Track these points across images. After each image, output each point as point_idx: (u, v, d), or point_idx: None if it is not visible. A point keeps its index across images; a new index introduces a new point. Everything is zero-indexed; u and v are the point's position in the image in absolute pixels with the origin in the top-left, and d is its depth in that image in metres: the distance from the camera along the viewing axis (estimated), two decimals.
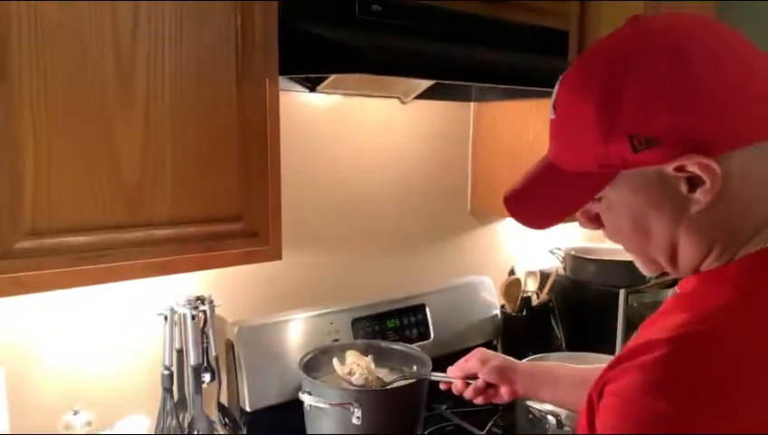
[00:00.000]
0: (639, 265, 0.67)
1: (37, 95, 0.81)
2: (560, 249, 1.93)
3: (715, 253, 0.60)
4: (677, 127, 0.54)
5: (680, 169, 0.55)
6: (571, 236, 2.00)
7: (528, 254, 1.96)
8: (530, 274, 1.91)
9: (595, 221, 0.66)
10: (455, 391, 1.07)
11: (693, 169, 0.54)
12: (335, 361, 1.31)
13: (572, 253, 1.88)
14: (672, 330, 0.54)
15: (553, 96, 0.63)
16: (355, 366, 1.29)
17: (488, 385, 1.03)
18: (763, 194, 0.58)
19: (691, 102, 0.53)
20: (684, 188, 0.56)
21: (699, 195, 0.56)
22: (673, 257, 0.62)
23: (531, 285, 1.89)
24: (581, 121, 0.58)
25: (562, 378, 1.03)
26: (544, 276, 1.85)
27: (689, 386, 0.50)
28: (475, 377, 1.04)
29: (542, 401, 1.23)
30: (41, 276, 0.83)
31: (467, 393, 1.05)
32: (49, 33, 0.81)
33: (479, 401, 1.05)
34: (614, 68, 0.56)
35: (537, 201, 0.65)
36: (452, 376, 1.07)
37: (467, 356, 1.07)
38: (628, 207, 0.60)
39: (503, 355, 1.07)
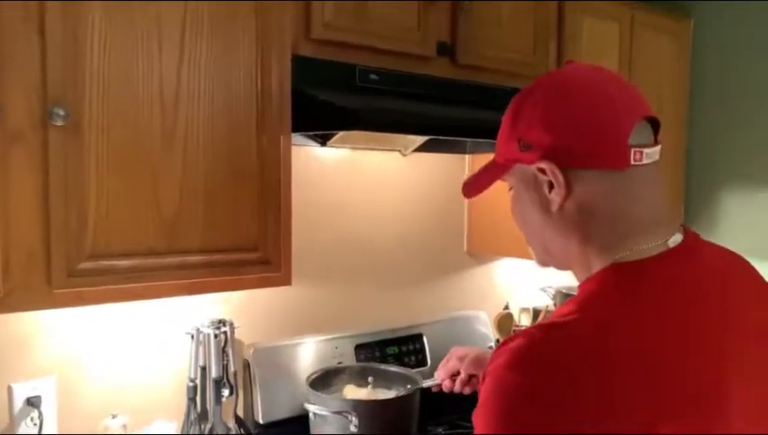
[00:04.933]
0: (533, 256, 0.85)
1: (101, 149, 1.04)
2: (551, 287, 2.09)
3: (576, 253, 0.77)
4: (547, 141, 0.73)
5: (540, 170, 0.75)
6: (561, 275, 2.16)
7: (521, 291, 2.13)
8: (523, 310, 2.07)
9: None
10: (445, 389, 1.22)
11: (547, 173, 0.74)
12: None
13: (562, 290, 2.04)
14: (538, 323, 0.72)
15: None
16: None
17: (470, 376, 1.18)
18: (608, 212, 0.74)
19: (560, 128, 0.72)
20: (546, 189, 0.76)
21: (554, 195, 0.74)
22: (546, 249, 0.81)
23: (524, 321, 2.04)
24: (503, 126, 0.79)
25: None
26: (536, 312, 2.01)
27: (539, 364, 0.65)
28: (457, 373, 1.19)
29: None
30: (97, 292, 1.04)
31: (456, 388, 1.19)
32: (111, 101, 1.05)
33: (467, 391, 1.19)
34: (527, 94, 0.77)
35: (475, 180, 0.86)
36: (439, 378, 1.23)
37: (446, 357, 1.22)
38: (518, 196, 0.80)
39: (477, 348, 1.21)
